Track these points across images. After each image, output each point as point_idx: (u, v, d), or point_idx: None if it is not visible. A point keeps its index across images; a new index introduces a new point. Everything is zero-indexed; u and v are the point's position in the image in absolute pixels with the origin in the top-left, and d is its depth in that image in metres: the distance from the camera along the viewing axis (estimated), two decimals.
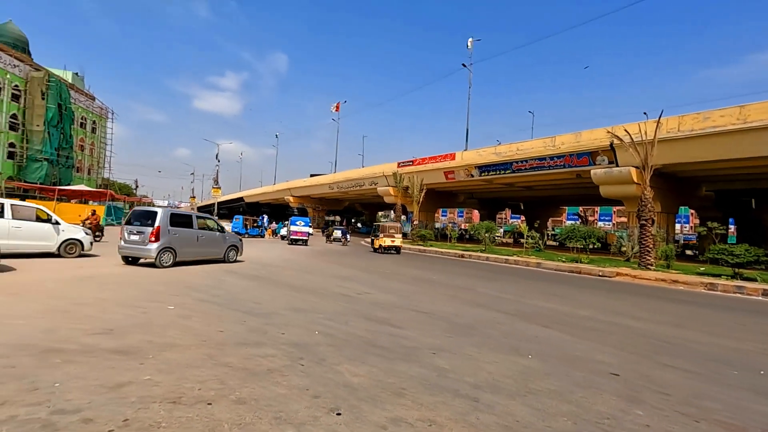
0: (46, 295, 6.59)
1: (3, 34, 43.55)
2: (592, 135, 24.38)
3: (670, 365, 4.92)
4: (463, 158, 33.21)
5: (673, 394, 3.93)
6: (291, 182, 63.51)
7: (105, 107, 57.51)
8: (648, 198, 18.46)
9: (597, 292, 11.61)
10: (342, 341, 5.05)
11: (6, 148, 40.59)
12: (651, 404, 3.66)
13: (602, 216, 71.35)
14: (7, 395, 3.00)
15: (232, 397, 3.23)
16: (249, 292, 8.18)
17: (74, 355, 3.93)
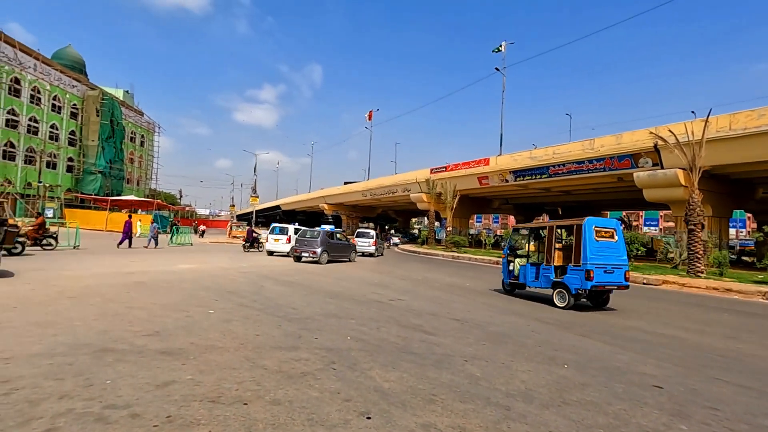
0: (102, 299, 7.06)
1: (63, 57, 47.23)
2: (633, 136, 23.39)
3: (720, 379, 4.63)
4: (497, 163, 32.70)
5: (723, 410, 3.71)
6: (325, 190, 64.71)
7: (152, 122, 60.99)
8: (696, 201, 17.45)
9: (641, 301, 11.07)
10: (374, 347, 5.11)
11: (65, 162, 43.82)
12: (697, 419, 3.47)
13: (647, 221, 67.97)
14: (66, 390, 3.27)
15: (268, 398, 3.36)
16: (285, 297, 8.41)
17: (125, 354, 4.21)
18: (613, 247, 9.32)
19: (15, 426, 2.68)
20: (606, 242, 9.26)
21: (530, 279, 10.17)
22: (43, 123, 40.27)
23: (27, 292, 7.27)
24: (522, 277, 10.48)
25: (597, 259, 8.93)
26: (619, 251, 9.40)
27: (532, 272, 10.13)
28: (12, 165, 37.41)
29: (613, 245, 9.34)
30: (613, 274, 9.09)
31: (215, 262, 15.38)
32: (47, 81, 40.68)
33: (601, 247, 9.12)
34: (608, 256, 9.16)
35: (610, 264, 9.08)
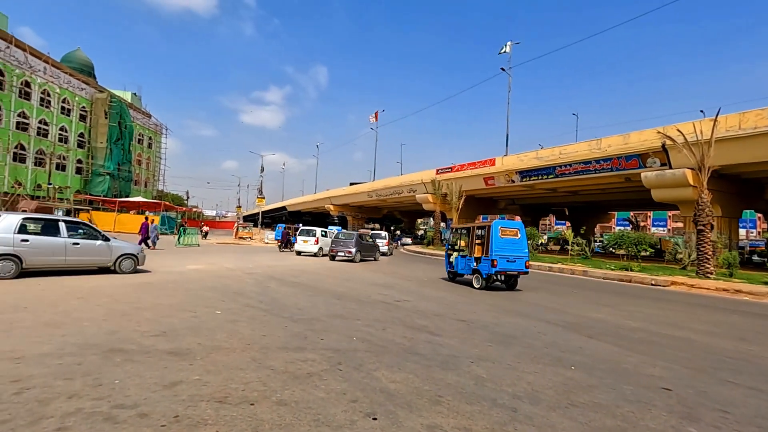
0: (110, 299, 7.13)
1: (72, 60, 47.80)
2: (641, 136, 23.20)
3: (731, 381, 4.58)
4: (503, 164, 32.58)
5: (734, 413, 3.66)
6: (331, 191, 64.85)
7: (160, 124, 61.51)
8: (705, 201, 17.26)
9: (649, 302, 10.97)
10: (380, 348, 5.11)
11: (75, 164, 44.31)
12: (707, 422, 3.43)
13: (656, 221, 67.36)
14: (75, 389, 3.30)
15: (274, 398, 3.37)
16: (291, 298, 8.44)
17: (133, 354, 4.25)
18: (516, 242, 11.81)
19: (26, 425, 2.71)
20: (510, 239, 11.75)
21: (461, 268, 12.91)
22: (53, 125, 40.77)
23: (38, 292, 7.36)
24: (456, 266, 13.16)
25: (501, 252, 11.45)
26: (521, 246, 11.91)
27: (462, 262, 12.81)
28: (23, 167, 37.89)
29: (516, 241, 11.80)
30: (515, 263, 11.68)
31: (222, 262, 15.47)
32: (57, 84, 41.19)
33: (505, 243, 11.64)
34: (511, 249, 11.66)
35: (512, 255, 11.61)
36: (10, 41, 36.42)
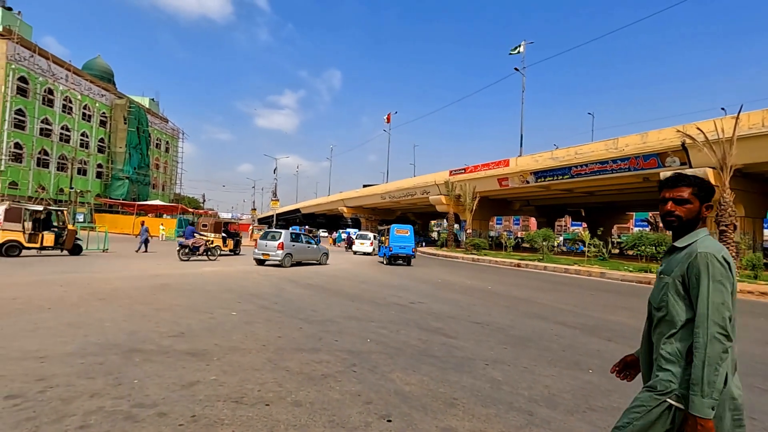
0: (130, 300, 7.29)
1: (93, 67, 49.11)
2: (660, 135, 22.70)
3: (758, 387, 4.44)
4: (517, 164, 32.25)
5: (761, 419, 3.55)
6: (344, 193, 65.09)
7: (177, 128, 62.73)
8: (728, 201, 16.79)
9: None
10: (394, 349, 5.10)
11: (95, 168, 45.48)
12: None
13: None
14: (96, 388, 3.38)
15: (290, 399, 3.39)
16: (306, 300, 8.49)
17: (152, 355, 4.33)
18: (405, 237, 20.72)
19: (50, 423, 2.79)
20: (401, 235, 20.75)
21: (380, 253, 22.45)
22: (75, 131, 41.94)
23: (60, 293, 7.56)
24: (379, 252, 23.10)
25: (394, 243, 20.41)
26: (409, 240, 20.69)
27: (382, 249, 22.01)
28: (46, 172, 39.05)
29: (405, 237, 20.73)
30: (404, 249, 20.39)
31: (237, 265, 15.66)
32: (78, 91, 42.37)
33: (399, 237, 20.66)
34: (402, 241, 20.53)
35: (402, 245, 20.45)
36: (33, 50, 37.64)
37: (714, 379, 1.46)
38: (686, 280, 1.60)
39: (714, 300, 1.52)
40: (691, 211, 1.69)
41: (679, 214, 1.70)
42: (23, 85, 36.56)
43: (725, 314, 1.51)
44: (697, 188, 1.70)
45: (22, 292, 7.39)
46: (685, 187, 1.71)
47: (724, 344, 1.48)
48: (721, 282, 1.54)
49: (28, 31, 40.01)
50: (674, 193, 1.73)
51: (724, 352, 1.48)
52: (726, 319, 1.51)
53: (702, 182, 1.72)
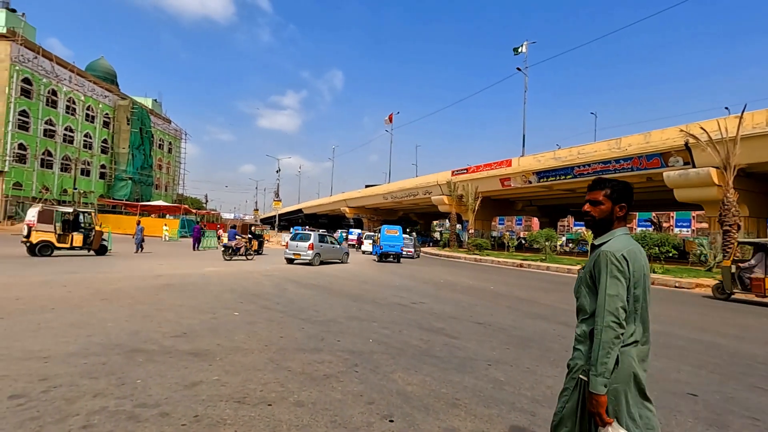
0: (132, 300, 7.31)
1: (96, 69, 49.30)
2: (663, 135, 22.62)
3: (760, 387, 4.41)
4: (519, 164, 32.20)
5: (764, 420, 3.53)
6: (346, 193, 65.10)
7: (179, 129, 62.91)
8: (731, 201, 16.72)
9: (673, 306, 10.67)
10: (396, 350, 5.10)
11: (98, 169, 45.65)
12: (735, 429, 3.31)
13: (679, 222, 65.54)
14: (99, 388, 3.39)
15: (292, 399, 3.40)
16: (308, 300, 8.50)
17: (154, 355, 4.34)
18: (394, 237, 22.76)
19: (53, 422, 2.80)
20: (391, 235, 22.81)
21: (373, 251, 25.31)
22: (78, 132, 42.11)
23: (63, 293, 7.59)
24: (373, 250, 25.17)
25: (385, 242, 22.57)
26: (398, 239, 22.87)
27: (374, 248, 24.73)
28: (50, 173, 39.22)
29: (395, 236, 22.78)
30: (393, 247, 22.61)
31: (240, 265, 15.69)
32: (81, 92, 42.55)
33: (388, 237, 22.71)
34: (391, 240, 22.65)
35: (391, 243, 22.59)
36: (37, 52, 37.82)
37: (606, 360, 1.68)
38: (594, 274, 1.81)
39: (609, 293, 1.73)
40: (604, 212, 1.89)
41: (593, 215, 1.92)
42: (27, 87, 36.75)
43: (618, 305, 1.71)
44: (610, 190, 1.89)
45: (26, 292, 7.43)
46: (599, 191, 1.91)
47: (616, 331, 1.69)
48: (617, 277, 1.73)
49: (31, 32, 40.21)
50: (590, 196, 1.94)
51: (615, 338, 1.69)
52: (618, 310, 1.70)
53: (616, 185, 1.90)
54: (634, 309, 1.78)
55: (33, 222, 14.38)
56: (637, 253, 1.80)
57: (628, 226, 1.96)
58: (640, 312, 1.79)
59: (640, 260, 1.80)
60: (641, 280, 1.79)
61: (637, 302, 1.78)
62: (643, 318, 1.80)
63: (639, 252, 1.82)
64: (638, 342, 1.78)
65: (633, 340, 1.77)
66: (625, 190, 1.90)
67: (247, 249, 18.67)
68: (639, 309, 1.78)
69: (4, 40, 34.98)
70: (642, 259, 1.82)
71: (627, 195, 1.90)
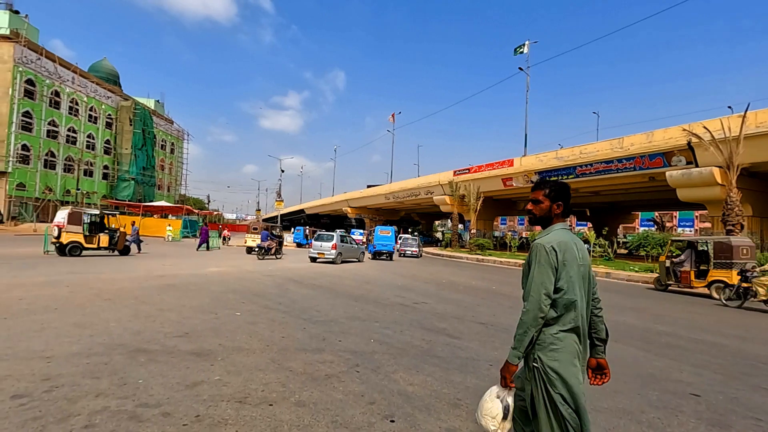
0: (135, 301, 7.33)
1: (98, 70, 49.48)
2: (665, 134, 22.55)
3: (764, 387, 4.39)
4: (521, 164, 32.15)
5: (767, 421, 3.51)
6: (348, 194, 65.13)
7: (182, 130, 63.06)
8: (735, 200, 16.64)
9: (676, 305, 10.64)
10: (398, 350, 5.10)
11: (101, 170, 45.80)
12: (738, 429, 3.30)
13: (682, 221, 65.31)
14: (102, 388, 3.40)
15: (293, 399, 3.40)
16: (310, 300, 8.51)
17: (156, 355, 4.35)
18: (386, 237, 25.01)
19: (55, 422, 2.81)
20: (384, 235, 25.20)
21: (368, 250, 25.89)
22: (81, 133, 42.26)
23: (67, 294, 7.62)
24: (369, 249, 26.00)
25: (378, 241, 24.97)
26: (389, 239, 24.97)
27: (369, 247, 26.31)
28: (53, 173, 39.38)
29: (387, 236, 24.98)
30: (386, 246, 24.49)
31: (242, 265, 15.72)
32: (84, 93, 42.70)
33: (381, 237, 25.16)
34: (384, 240, 24.82)
35: (384, 243, 24.64)
36: (40, 53, 37.98)
37: (523, 338, 1.90)
38: (528, 264, 2.01)
39: (536, 280, 1.91)
40: (543, 209, 2.10)
41: (535, 212, 2.13)
42: (30, 88, 36.91)
43: (542, 291, 1.89)
44: (548, 190, 2.08)
45: (29, 293, 7.46)
46: (540, 191, 2.10)
47: (536, 313, 1.88)
48: (542, 265, 1.91)
49: (34, 34, 40.38)
50: (532, 195, 2.14)
51: (535, 319, 1.88)
52: (542, 295, 1.89)
53: (553, 185, 2.09)
54: (566, 296, 1.92)
55: (63, 223, 15.07)
56: (570, 245, 1.96)
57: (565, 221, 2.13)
58: (569, 298, 1.92)
59: (573, 252, 1.95)
60: (572, 270, 1.93)
61: (572, 289, 1.92)
62: (578, 305, 1.93)
63: (574, 244, 1.98)
64: (572, 328, 1.93)
65: (566, 327, 1.92)
66: (561, 190, 2.08)
67: (276, 249, 20.72)
68: (568, 295, 1.92)
69: (8, 41, 35.14)
70: (577, 251, 1.97)
71: (564, 194, 2.08)
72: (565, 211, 2.10)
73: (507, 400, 1.99)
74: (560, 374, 1.88)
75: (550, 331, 1.93)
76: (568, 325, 1.92)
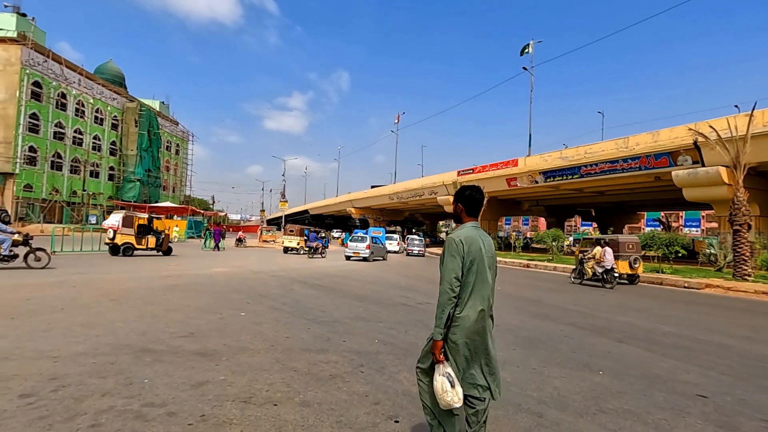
0: (141, 301, 7.37)
1: (104, 72, 49.82)
2: (671, 133, 22.39)
3: None
4: (526, 164, 32.03)
5: None
6: (352, 194, 65.14)
7: (186, 131, 63.36)
8: (742, 200, 16.49)
9: (682, 306, 10.56)
10: (402, 350, 5.09)
11: (107, 171, 46.11)
12: (745, 431, 3.26)
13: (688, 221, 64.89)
14: (108, 388, 3.43)
15: (297, 399, 3.41)
16: (314, 300, 8.52)
17: (162, 355, 4.37)
18: (379, 237, 27.30)
19: (62, 421, 2.83)
20: (375, 235, 27.08)
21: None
22: (87, 134, 42.58)
23: (73, 294, 7.68)
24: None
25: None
26: (381, 238, 27.76)
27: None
28: (59, 175, 39.69)
29: (379, 237, 27.68)
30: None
31: (247, 265, 15.77)
32: (90, 95, 43.02)
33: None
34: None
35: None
36: (47, 55, 38.30)
37: (441, 316, 2.31)
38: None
39: (447, 267, 2.32)
40: (457, 211, 2.59)
41: (454, 213, 2.65)
42: (37, 90, 37.23)
43: (452, 276, 2.30)
44: (455, 197, 2.60)
45: (36, 293, 7.53)
46: (455, 198, 2.61)
47: (449, 294, 2.29)
48: (452, 255, 2.33)
49: (41, 36, 40.72)
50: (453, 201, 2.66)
51: (449, 299, 2.29)
52: (452, 279, 2.30)
53: (457, 193, 2.61)
54: (472, 281, 2.34)
55: (117, 226, 16.84)
56: (476, 239, 2.39)
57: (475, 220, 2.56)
58: (476, 283, 2.34)
59: (477, 244, 2.37)
60: (477, 260, 2.34)
61: (475, 276, 2.34)
62: (480, 289, 2.35)
63: (480, 239, 2.41)
64: (474, 309, 2.33)
65: (469, 308, 2.33)
66: (460, 194, 2.57)
67: (322, 249, 23.23)
68: (475, 281, 2.34)
69: (15, 44, 35.47)
70: (482, 244, 2.40)
71: (462, 198, 2.55)
72: (471, 212, 2.55)
73: (446, 371, 2.30)
74: (457, 344, 2.34)
75: (456, 311, 2.33)
76: (470, 305, 2.33)
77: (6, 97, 35.19)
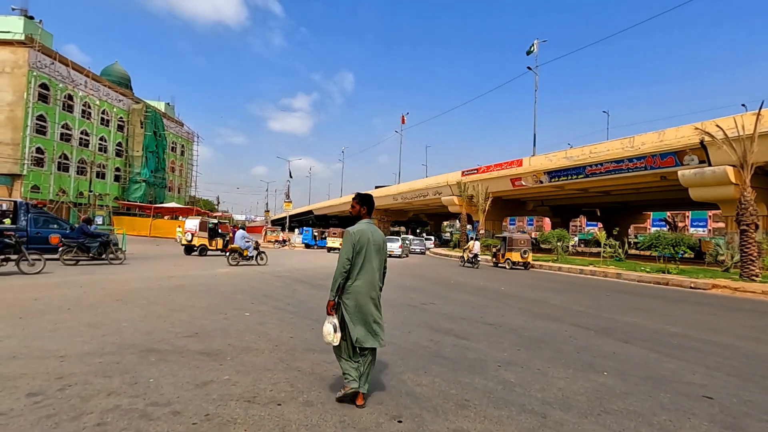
0: (146, 301, 7.42)
1: (110, 73, 50.14)
2: (678, 133, 22.23)
3: None
4: (530, 164, 31.92)
5: None
6: None
7: (192, 132, 63.65)
8: (749, 200, 16.33)
9: (688, 306, 10.47)
10: (406, 351, 5.09)
11: (113, 172, 46.44)
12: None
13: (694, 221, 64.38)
14: (113, 387, 3.45)
15: (301, 399, 3.42)
16: (318, 301, 8.53)
17: (167, 354, 4.40)
18: None
19: (68, 420, 2.86)
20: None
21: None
22: (93, 136, 42.89)
23: (79, 294, 7.74)
24: None
25: None
26: None
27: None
28: (66, 176, 40.01)
29: None
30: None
31: (248, 267, 15.82)
32: (97, 96, 43.34)
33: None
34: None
35: None
36: (54, 58, 38.64)
37: (334, 285, 3.26)
38: None
39: (342, 250, 3.28)
40: (355, 211, 3.55)
41: (352, 213, 3.56)
42: (44, 92, 37.55)
43: (344, 257, 3.24)
44: (358, 200, 3.53)
45: (43, 293, 7.60)
46: (354, 200, 3.54)
47: (341, 270, 3.23)
48: (347, 242, 3.27)
49: (48, 39, 41.07)
50: (351, 202, 3.58)
51: (340, 273, 3.23)
52: (344, 260, 3.24)
53: (360, 197, 3.54)
54: (361, 262, 3.29)
55: (195, 230, 19.55)
56: (366, 232, 3.34)
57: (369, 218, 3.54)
58: (364, 264, 3.29)
59: (366, 236, 3.32)
60: (365, 247, 3.29)
61: (363, 258, 3.29)
62: (367, 268, 3.30)
63: (369, 232, 3.35)
64: (363, 281, 3.29)
65: (359, 280, 3.28)
66: (363, 199, 3.52)
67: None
68: (363, 262, 3.29)
69: (23, 46, 35.81)
70: (371, 235, 3.34)
71: (364, 202, 3.52)
72: (369, 212, 3.52)
73: (333, 322, 3.24)
74: (348, 305, 3.27)
75: (348, 283, 3.28)
76: (359, 278, 3.27)
77: (14, 99, 35.54)
